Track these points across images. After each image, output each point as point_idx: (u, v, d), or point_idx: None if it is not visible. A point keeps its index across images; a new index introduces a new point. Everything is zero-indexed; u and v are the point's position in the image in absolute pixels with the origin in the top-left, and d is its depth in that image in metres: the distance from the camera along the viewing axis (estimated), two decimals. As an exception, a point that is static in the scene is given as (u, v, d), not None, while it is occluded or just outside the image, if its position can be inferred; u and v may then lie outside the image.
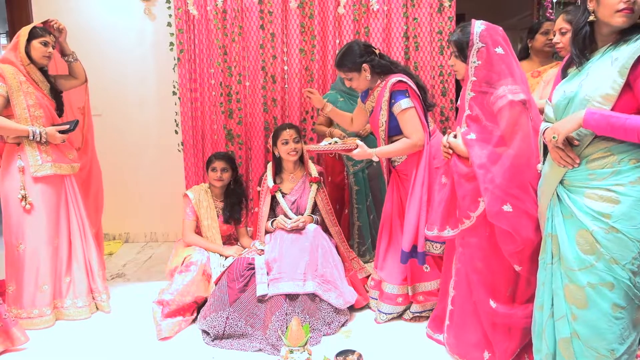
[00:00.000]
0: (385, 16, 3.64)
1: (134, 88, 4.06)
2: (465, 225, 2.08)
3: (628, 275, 1.55)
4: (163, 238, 4.31)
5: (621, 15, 1.53)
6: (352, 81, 2.58)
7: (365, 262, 3.32)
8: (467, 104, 2.06)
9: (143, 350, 2.41)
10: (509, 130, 1.93)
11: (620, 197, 1.55)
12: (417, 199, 2.46)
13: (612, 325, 1.58)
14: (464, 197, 2.06)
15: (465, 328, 2.19)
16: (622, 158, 1.56)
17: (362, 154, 2.48)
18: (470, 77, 2.02)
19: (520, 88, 1.95)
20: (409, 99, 2.44)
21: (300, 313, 2.47)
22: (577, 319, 1.64)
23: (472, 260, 2.11)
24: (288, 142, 2.84)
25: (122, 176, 4.18)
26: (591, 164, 1.61)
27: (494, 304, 2.06)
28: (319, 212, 2.93)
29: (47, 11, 3.78)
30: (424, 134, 2.45)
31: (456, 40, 2.10)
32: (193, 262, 2.69)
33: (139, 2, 3.93)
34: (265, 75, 3.74)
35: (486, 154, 1.96)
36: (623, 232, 1.54)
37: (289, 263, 2.59)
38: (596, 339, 1.61)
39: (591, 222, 1.59)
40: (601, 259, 1.58)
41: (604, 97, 1.55)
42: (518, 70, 2.00)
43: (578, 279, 1.62)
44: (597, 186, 1.60)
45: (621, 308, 1.57)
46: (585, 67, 1.65)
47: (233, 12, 3.68)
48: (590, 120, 1.55)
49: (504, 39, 2.01)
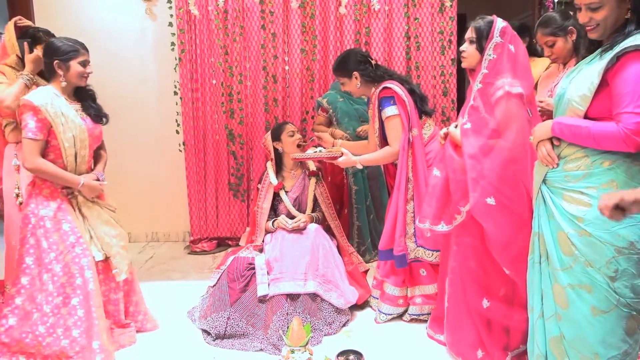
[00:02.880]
0: (387, 16, 3.64)
1: (135, 88, 4.07)
2: (457, 221, 2.09)
3: (605, 280, 1.51)
4: (164, 238, 4.32)
5: (588, 31, 1.57)
6: (344, 86, 2.69)
7: (365, 262, 3.32)
8: (473, 95, 2.07)
9: (144, 350, 2.42)
10: (503, 122, 1.95)
11: (592, 200, 1.53)
12: (395, 204, 2.52)
13: (593, 328, 1.54)
14: (455, 191, 2.07)
15: (460, 326, 2.19)
16: (595, 160, 1.54)
17: (347, 161, 2.56)
18: (482, 69, 2.04)
19: (519, 83, 1.96)
20: (394, 106, 2.47)
21: (301, 313, 2.47)
22: (561, 319, 1.63)
23: (465, 259, 2.12)
24: (294, 134, 2.86)
25: (123, 176, 4.18)
26: (567, 165, 1.61)
27: (487, 303, 2.07)
28: (319, 206, 2.94)
29: (48, 11, 3.78)
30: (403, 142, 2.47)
31: (478, 28, 2.08)
32: None
33: (140, 2, 3.94)
34: (267, 75, 3.74)
35: (479, 144, 1.98)
36: (595, 235, 1.52)
37: (290, 263, 2.60)
38: (578, 341, 1.58)
39: (567, 225, 1.58)
40: (577, 261, 1.56)
41: (581, 98, 1.55)
42: (524, 69, 2.01)
43: (561, 278, 1.61)
44: (572, 188, 1.59)
45: (602, 312, 1.53)
46: (579, 65, 1.65)
47: (234, 12, 3.68)
48: (556, 129, 1.60)
49: (518, 38, 2.06)
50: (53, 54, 2.22)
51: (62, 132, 2.18)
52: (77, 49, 2.25)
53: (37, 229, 2.17)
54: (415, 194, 2.50)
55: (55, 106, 2.18)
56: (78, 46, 2.26)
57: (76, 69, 2.24)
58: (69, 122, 2.20)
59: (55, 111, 2.17)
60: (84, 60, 2.27)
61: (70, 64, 2.23)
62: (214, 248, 3.97)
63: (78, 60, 2.25)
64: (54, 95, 2.20)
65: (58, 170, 2.21)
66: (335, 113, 3.43)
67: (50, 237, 2.18)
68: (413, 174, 2.51)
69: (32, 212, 2.20)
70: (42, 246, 2.16)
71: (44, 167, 2.18)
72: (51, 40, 2.28)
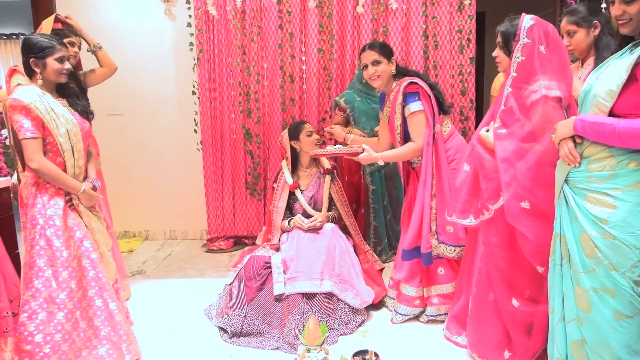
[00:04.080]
0: (404, 15, 3.61)
1: (154, 88, 4.12)
2: (485, 217, 2.06)
3: (629, 284, 1.48)
4: (182, 236, 4.36)
5: (620, 25, 1.52)
6: (377, 66, 2.54)
7: (382, 262, 3.30)
8: (504, 99, 2.01)
9: (162, 346, 2.45)
10: (539, 126, 1.87)
11: (617, 202, 1.49)
12: (420, 201, 2.48)
13: (616, 332, 1.51)
14: (486, 189, 2.03)
15: (485, 327, 2.16)
16: (621, 160, 1.50)
17: (368, 157, 2.51)
18: (511, 72, 1.97)
19: (556, 85, 1.89)
20: (419, 102, 2.45)
21: (317, 312, 2.47)
22: (583, 322, 1.60)
23: (493, 259, 2.09)
24: (312, 134, 2.88)
25: (142, 174, 4.25)
26: (591, 165, 1.57)
27: (517, 303, 2.03)
28: (335, 205, 2.94)
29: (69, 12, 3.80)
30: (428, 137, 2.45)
31: (504, 32, 2.05)
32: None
33: (159, 3, 3.99)
34: (284, 75, 3.75)
35: (512, 148, 1.92)
36: (619, 238, 1.48)
37: (306, 262, 2.60)
38: (601, 345, 1.55)
39: (590, 227, 1.55)
40: (600, 264, 1.53)
41: (607, 93, 1.51)
42: (561, 69, 1.93)
43: (583, 281, 1.58)
44: (596, 189, 1.55)
45: (625, 316, 1.50)
46: (608, 61, 1.61)
47: (252, 12, 3.70)
48: (579, 128, 1.55)
49: (551, 35, 1.93)
50: (28, 51, 2.11)
51: (56, 128, 2.10)
52: (53, 45, 2.13)
53: (47, 229, 2.10)
54: (437, 190, 2.49)
55: (44, 102, 2.09)
56: (54, 42, 2.15)
57: (53, 66, 2.13)
58: (60, 117, 2.13)
59: (45, 107, 2.08)
60: (62, 57, 2.15)
61: (46, 61, 2.12)
62: (230, 247, 4.00)
63: (55, 56, 2.14)
64: (40, 93, 2.11)
65: (62, 174, 2.15)
66: (353, 112, 3.42)
67: (62, 235, 2.12)
68: (436, 170, 2.48)
69: (40, 212, 2.11)
70: (54, 245, 2.09)
71: (49, 166, 2.11)
72: (26, 37, 2.16)
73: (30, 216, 2.12)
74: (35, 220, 2.10)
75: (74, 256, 2.14)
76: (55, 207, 2.14)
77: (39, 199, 2.13)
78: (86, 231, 2.21)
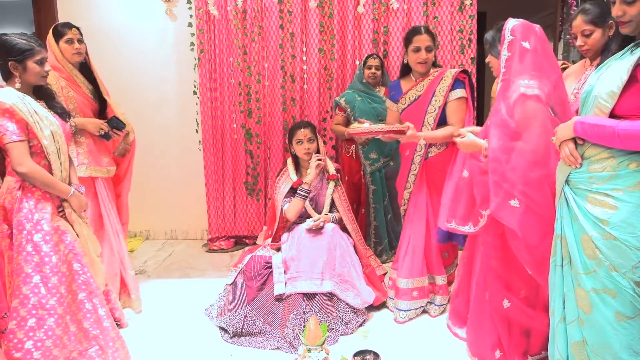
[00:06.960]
0: (405, 15, 3.62)
1: (155, 87, 4.12)
2: (481, 224, 2.07)
3: (630, 285, 1.47)
4: (183, 236, 4.36)
5: (621, 26, 1.52)
6: (430, 53, 2.61)
7: (382, 262, 3.30)
8: (497, 97, 2.03)
9: (162, 346, 2.45)
10: (521, 123, 1.90)
11: (618, 202, 1.49)
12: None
13: (617, 333, 1.50)
14: (478, 194, 2.05)
15: (481, 327, 2.17)
16: (622, 161, 1.50)
17: (412, 136, 2.49)
18: (501, 68, 2.00)
19: (537, 84, 1.89)
20: (464, 89, 2.60)
21: (317, 312, 2.47)
22: (584, 323, 1.59)
23: (488, 258, 2.10)
24: (302, 142, 2.83)
25: (143, 174, 4.23)
26: (592, 166, 1.57)
27: (508, 304, 2.04)
28: (337, 209, 2.93)
29: (71, 12, 3.85)
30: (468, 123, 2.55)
31: (491, 36, 2.12)
32: None
33: (160, 3, 3.98)
34: (285, 75, 3.75)
35: (499, 145, 1.93)
36: (620, 239, 1.48)
37: (307, 262, 2.60)
38: (602, 347, 1.54)
39: (591, 228, 1.55)
40: (601, 265, 1.52)
41: (608, 94, 1.51)
42: (545, 68, 1.94)
43: (584, 282, 1.58)
44: (597, 190, 1.54)
45: (627, 318, 1.49)
46: (609, 61, 1.60)
47: (253, 12, 3.70)
48: (579, 130, 1.55)
49: (536, 35, 1.96)
50: (7, 54, 2.00)
51: (40, 130, 2.02)
52: (33, 47, 2.02)
53: (34, 234, 2.00)
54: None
55: (27, 104, 2.01)
56: (33, 43, 2.03)
57: (34, 69, 2.03)
58: (43, 119, 2.05)
59: (27, 109, 2.00)
60: (41, 59, 2.05)
61: (27, 63, 2.02)
62: (231, 246, 4.00)
63: (35, 59, 2.03)
64: (20, 95, 2.02)
65: (51, 177, 2.07)
66: (353, 112, 3.42)
67: (51, 240, 2.03)
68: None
69: (26, 218, 2.01)
70: (42, 250, 2.00)
71: (39, 170, 2.03)
72: (3, 39, 2.02)
73: (16, 222, 2.01)
74: (22, 226, 2.01)
75: (64, 261, 2.08)
76: (42, 211, 2.06)
77: (25, 203, 2.03)
78: (77, 237, 2.16)
